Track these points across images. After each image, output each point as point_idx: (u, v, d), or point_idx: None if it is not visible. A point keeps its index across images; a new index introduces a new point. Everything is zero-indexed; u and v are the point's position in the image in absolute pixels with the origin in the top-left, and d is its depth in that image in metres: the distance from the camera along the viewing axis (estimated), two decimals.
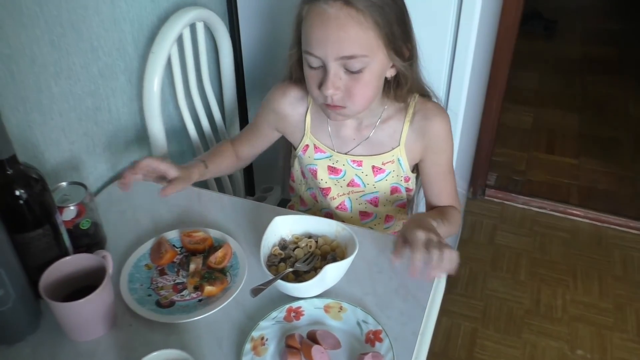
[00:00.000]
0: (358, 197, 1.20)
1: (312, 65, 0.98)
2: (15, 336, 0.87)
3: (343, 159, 1.15)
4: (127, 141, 1.29)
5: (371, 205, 1.21)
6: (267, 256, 0.97)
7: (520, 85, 3.28)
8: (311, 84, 1.01)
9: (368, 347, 0.84)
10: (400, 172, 1.15)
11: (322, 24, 0.93)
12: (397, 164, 1.13)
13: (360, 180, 1.17)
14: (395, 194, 1.19)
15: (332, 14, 0.92)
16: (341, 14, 0.91)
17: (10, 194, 0.83)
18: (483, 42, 1.57)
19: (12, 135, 0.98)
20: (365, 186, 1.17)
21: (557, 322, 1.94)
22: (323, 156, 1.16)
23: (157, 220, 1.10)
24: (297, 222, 1.02)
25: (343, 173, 1.16)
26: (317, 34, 0.94)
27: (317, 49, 0.95)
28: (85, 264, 0.89)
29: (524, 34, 3.87)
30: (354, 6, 0.91)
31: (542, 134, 2.93)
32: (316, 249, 0.98)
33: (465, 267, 2.15)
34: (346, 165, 1.15)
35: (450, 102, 1.40)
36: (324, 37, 0.93)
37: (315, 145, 1.16)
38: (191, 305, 0.92)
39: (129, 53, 1.23)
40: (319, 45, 0.94)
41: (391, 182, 1.17)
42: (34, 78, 1.01)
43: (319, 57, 0.96)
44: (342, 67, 0.96)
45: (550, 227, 2.36)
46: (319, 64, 0.97)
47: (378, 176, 1.15)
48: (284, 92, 1.15)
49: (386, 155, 1.13)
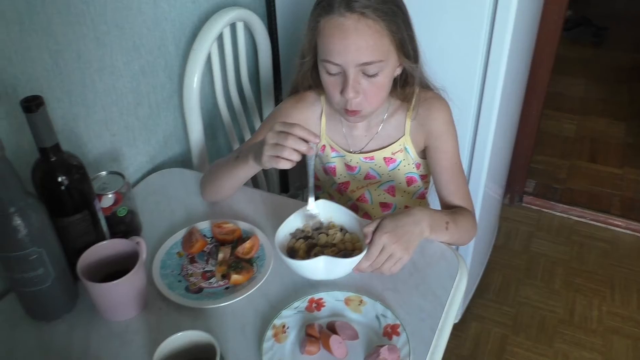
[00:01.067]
0: (376, 187, 1.25)
1: (331, 72, 1.04)
2: (54, 314, 0.93)
3: (356, 158, 1.20)
4: (166, 135, 1.35)
5: (389, 195, 1.25)
6: (296, 228, 1.03)
7: (565, 92, 3.23)
8: (332, 90, 1.06)
9: (385, 340, 0.86)
10: (409, 159, 1.20)
11: (341, 34, 0.99)
12: (405, 152, 1.19)
13: (375, 172, 1.22)
14: (412, 184, 1.23)
15: (351, 25, 0.98)
16: (359, 24, 0.98)
17: (53, 180, 0.89)
18: (521, 47, 1.56)
19: (58, 126, 1.05)
20: (380, 176, 1.23)
21: (592, 333, 1.90)
22: (338, 155, 1.22)
23: (190, 211, 1.15)
24: (340, 212, 1.05)
25: (358, 169, 1.23)
26: (337, 44, 1.00)
27: (338, 58, 1.00)
28: (120, 248, 0.94)
29: (571, 41, 3.85)
30: (369, 16, 0.98)
31: (585, 142, 2.88)
32: (340, 243, 1.01)
33: (498, 273, 2.14)
34: (359, 162, 1.21)
35: (484, 106, 1.40)
36: (344, 47, 0.99)
37: (331, 145, 1.21)
38: (218, 292, 0.95)
39: (170, 51, 1.29)
40: (340, 54, 1.00)
41: (404, 171, 1.21)
42: (79, 73, 1.07)
43: (339, 65, 1.01)
44: (361, 72, 1.02)
45: (589, 236, 2.31)
46: (339, 70, 1.03)
47: (390, 165, 1.21)
48: (298, 100, 1.19)
49: (394, 146, 1.18)
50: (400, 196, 1.25)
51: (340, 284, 0.96)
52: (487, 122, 1.42)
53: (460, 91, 1.34)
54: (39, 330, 0.91)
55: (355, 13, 0.97)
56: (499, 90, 1.37)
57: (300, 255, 0.99)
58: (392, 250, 0.94)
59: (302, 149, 0.93)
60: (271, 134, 0.95)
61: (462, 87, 1.37)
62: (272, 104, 1.62)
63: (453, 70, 1.34)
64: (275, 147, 0.94)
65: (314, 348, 0.84)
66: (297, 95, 1.19)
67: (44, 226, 0.85)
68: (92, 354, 0.87)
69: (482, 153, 1.48)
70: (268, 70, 1.56)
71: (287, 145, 0.92)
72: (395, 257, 0.94)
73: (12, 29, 0.92)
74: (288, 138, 0.92)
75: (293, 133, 0.93)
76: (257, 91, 1.61)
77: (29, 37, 0.95)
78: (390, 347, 0.82)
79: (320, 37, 1.02)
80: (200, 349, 0.77)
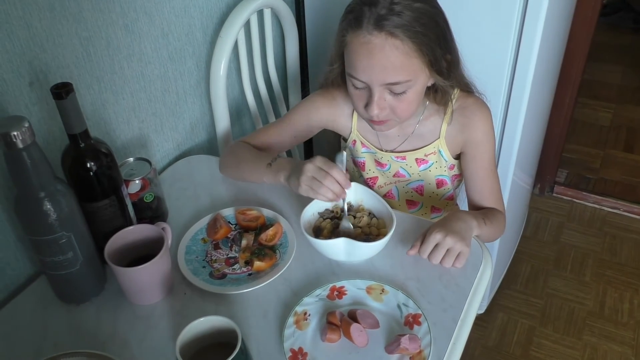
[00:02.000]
0: (404, 185, 1.23)
1: (357, 86, 1.02)
2: (83, 297, 0.95)
3: (387, 156, 1.18)
4: (193, 122, 1.36)
5: (417, 194, 1.23)
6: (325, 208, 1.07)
7: (602, 80, 3.14)
8: (357, 102, 1.05)
9: (406, 329, 0.86)
10: (442, 162, 1.17)
11: (367, 53, 0.96)
12: (438, 155, 1.16)
13: (405, 172, 1.20)
14: (441, 187, 1.21)
15: (377, 44, 0.94)
16: (386, 44, 0.94)
17: (82, 166, 0.91)
18: (554, 33, 1.52)
19: (87, 113, 1.07)
20: (410, 176, 1.20)
21: (622, 327, 1.86)
22: (369, 151, 1.21)
23: (215, 197, 1.16)
24: (371, 197, 1.06)
25: (388, 167, 1.21)
26: (363, 62, 0.97)
27: (363, 76, 0.99)
28: (146, 234, 0.96)
29: (610, 27, 3.73)
30: (398, 36, 0.93)
31: (621, 131, 2.80)
32: (366, 227, 1.02)
33: (526, 264, 2.11)
34: (390, 161, 1.19)
35: (514, 93, 1.37)
36: (369, 66, 0.97)
37: (362, 142, 1.20)
38: (241, 279, 0.97)
39: (198, 38, 1.29)
40: (365, 72, 0.98)
41: (435, 173, 1.19)
42: (109, 60, 1.08)
43: (364, 82, 0.99)
44: (387, 90, 1.00)
45: (622, 228, 2.26)
46: (364, 86, 1.01)
47: (422, 166, 1.18)
48: (329, 97, 1.18)
49: (428, 148, 1.15)
50: (428, 196, 1.23)
51: (362, 272, 0.97)
52: (516, 110, 1.40)
53: (490, 78, 1.32)
54: (68, 312, 0.94)
55: (383, 32, 0.93)
56: (530, 78, 1.34)
57: (324, 235, 1.01)
58: (447, 244, 0.95)
59: (337, 191, 0.98)
60: (312, 167, 0.98)
61: (492, 74, 1.35)
62: (298, 92, 1.62)
63: (483, 56, 1.32)
64: (313, 181, 0.98)
65: (334, 336, 0.84)
66: (328, 92, 1.18)
67: (72, 211, 0.87)
68: (119, 337, 0.89)
69: (511, 141, 1.46)
70: (295, 59, 1.56)
71: (324, 184, 0.98)
72: (454, 251, 0.95)
73: (43, 15, 0.94)
74: (327, 177, 0.97)
75: (332, 175, 0.98)
76: (284, 79, 1.61)
77: (59, 24, 0.97)
78: (411, 336, 0.82)
79: (346, 50, 1.00)
80: (222, 334, 0.79)
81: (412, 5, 0.94)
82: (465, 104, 1.11)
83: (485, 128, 1.12)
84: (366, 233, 1.02)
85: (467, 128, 1.11)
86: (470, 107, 1.11)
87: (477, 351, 1.81)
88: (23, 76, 0.93)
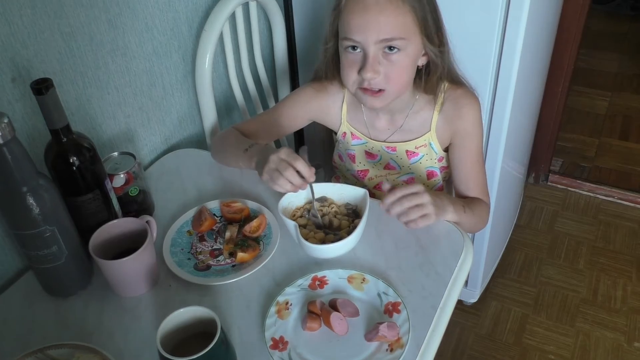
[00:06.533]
0: (395, 177, 1.23)
1: (351, 51, 1.03)
2: (69, 290, 0.96)
3: (378, 146, 1.19)
4: (180, 116, 1.37)
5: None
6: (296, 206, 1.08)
7: (598, 67, 3.12)
8: (349, 70, 1.05)
9: (386, 317, 0.87)
10: (432, 154, 1.18)
11: (363, 9, 0.98)
12: (429, 147, 1.17)
13: (396, 164, 1.21)
14: (431, 178, 1.22)
15: (372, 0, 0.97)
16: (381, 0, 0.96)
17: (65, 161, 0.92)
18: (542, 20, 1.52)
19: (71, 108, 1.08)
20: (400, 168, 1.21)
21: (615, 313, 1.87)
22: (359, 142, 1.21)
23: (202, 190, 1.17)
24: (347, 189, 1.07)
25: (379, 157, 1.21)
26: (358, 20, 0.99)
27: (358, 34, 1.00)
28: (130, 227, 0.97)
29: (607, 14, 3.72)
30: None
31: (617, 119, 2.79)
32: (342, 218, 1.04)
33: (520, 252, 2.11)
34: (381, 151, 1.20)
35: (500, 81, 1.37)
36: (364, 22, 0.98)
37: (352, 132, 1.21)
38: (225, 270, 0.98)
39: (183, 32, 1.30)
40: (360, 30, 0.99)
41: (426, 165, 1.20)
42: (92, 55, 1.09)
43: (359, 42, 1.00)
44: (381, 50, 1.00)
45: (616, 216, 2.26)
46: (359, 49, 1.02)
47: (412, 159, 1.19)
48: (319, 89, 1.19)
49: (419, 140, 1.17)
50: None
51: (344, 262, 0.98)
52: (503, 98, 1.39)
53: (476, 66, 1.32)
54: (56, 305, 0.95)
55: None
56: (516, 65, 1.33)
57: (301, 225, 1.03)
58: (424, 200, 0.95)
59: (296, 182, 0.98)
60: (275, 158, 0.99)
61: (478, 62, 1.34)
62: (287, 84, 1.62)
63: (468, 44, 1.31)
64: (274, 172, 0.99)
65: (315, 324, 0.86)
66: (319, 83, 1.19)
67: (56, 205, 0.88)
68: (105, 328, 0.91)
69: (499, 129, 1.45)
70: (283, 52, 1.56)
71: (284, 175, 0.98)
72: (423, 207, 0.95)
73: (24, 12, 0.95)
74: (288, 169, 0.97)
75: (295, 166, 0.98)
76: (273, 73, 1.61)
77: (41, 20, 0.98)
78: (389, 324, 0.83)
79: (341, 15, 1.02)
80: (204, 324, 0.80)
81: None
82: (455, 95, 1.13)
83: (474, 119, 1.13)
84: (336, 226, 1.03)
85: (456, 118, 1.13)
86: (459, 99, 1.12)
87: (470, 339, 1.83)
88: (5, 72, 0.94)
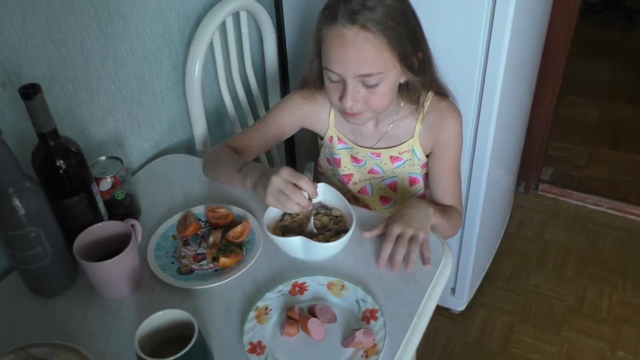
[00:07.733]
0: (378, 182, 1.26)
1: (332, 79, 1.06)
2: (53, 290, 0.98)
3: (363, 151, 1.22)
4: (170, 122, 1.39)
5: (391, 190, 1.27)
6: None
7: (590, 77, 3.15)
8: (332, 95, 1.09)
9: (363, 324, 0.89)
10: (415, 160, 1.21)
11: (341, 45, 1.01)
12: (412, 152, 1.20)
13: (380, 168, 1.24)
14: (414, 185, 1.25)
15: (350, 37, 0.99)
16: (358, 37, 0.99)
17: (51, 164, 0.94)
18: (529, 28, 1.54)
19: (61, 112, 1.09)
20: (384, 173, 1.24)
21: (601, 322, 1.89)
22: (345, 147, 1.24)
23: (189, 195, 1.19)
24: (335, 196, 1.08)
25: (364, 162, 1.24)
26: (337, 54, 1.02)
27: (337, 68, 1.03)
28: (115, 230, 0.98)
29: (600, 24, 3.75)
30: (370, 30, 0.98)
31: (607, 128, 2.81)
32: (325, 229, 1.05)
33: (509, 261, 2.13)
34: (366, 157, 1.23)
35: (486, 89, 1.39)
36: (342, 58, 1.01)
37: (338, 137, 1.24)
38: (208, 274, 0.99)
39: (174, 40, 1.32)
40: (338, 64, 1.02)
41: (409, 170, 1.23)
42: (83, 61, 1.11)
43: (339, 74, 1.04)
44: (360, 82, 1.04)
45: (605, 225, 2.28)
46: (339, 79, 1.05)
47: (396, 163, 1.22)
48: (307, 97, 1.21)
49: (402, 146, 1.20)
50: (401, 193, 1.27)
51: (325, 269, 0.99)
52: (489, 107, 1.41)
53: (461, 75, 1.35)
54: (40, 305, 0.97)
55: (355, 25, 0.98)
56: (501, 73, 1.35)
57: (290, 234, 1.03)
58: (408, 233, 0.98)
59: (304, 204, 0.98)
60: (279, 180, 0.98)
61: (463, 71, 1.37)
62: (278, 93, 1.64)
63: (454, 53, 1.34)
64: (280, 194, 0.98)
65: (293, 330, 0.87)
66: (307, 91, 1.21)
67: (41, 207, 0.90)
68: (87, 329, 0.92)
69: (485, 138, 1.47)
70: (274, 61, 1.58)
71: (292, 198, 0.97)
72: (416, 239, 0.98)
73: (15, 19, 0.97)
74: (295, 193, 0.98)
75: (300, 185, 0.98)
76: (264, 81, 1.63)
77: (31, 27, 1.00)
78: (365, 330, 0.85)
79: (323, 44, 1.05)
80: (182, 327, 0.81)
81: (385, 2, 0.99)
82: (438, 107, 1.16)
83: (454, 131, 1.17)
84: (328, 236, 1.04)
85: (438, 129, 1.16)
86: (442, 111, 1.16)
87: (457, 347, 1.84)
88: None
